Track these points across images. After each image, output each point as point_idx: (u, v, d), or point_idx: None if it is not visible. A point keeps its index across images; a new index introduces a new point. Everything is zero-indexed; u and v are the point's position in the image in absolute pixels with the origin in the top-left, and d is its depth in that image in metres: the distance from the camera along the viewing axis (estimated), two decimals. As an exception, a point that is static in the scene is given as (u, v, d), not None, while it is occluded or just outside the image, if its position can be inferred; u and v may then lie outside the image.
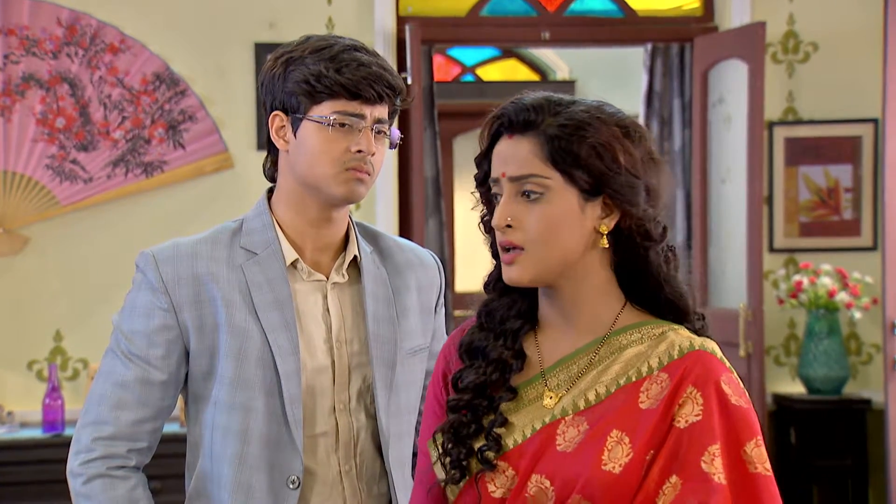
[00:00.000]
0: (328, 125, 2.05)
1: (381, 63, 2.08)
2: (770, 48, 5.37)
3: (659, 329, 1.72)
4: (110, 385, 2.07)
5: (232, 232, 2.13)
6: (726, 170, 5.38)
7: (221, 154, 5.07)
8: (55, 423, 4.75)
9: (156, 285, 2.07)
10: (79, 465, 2.06)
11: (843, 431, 5.19)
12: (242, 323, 2.06)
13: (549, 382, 1.73)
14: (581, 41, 5.91)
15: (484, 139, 1.75)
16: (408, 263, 2.23)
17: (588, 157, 1.67)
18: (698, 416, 1.63)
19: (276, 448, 2.06)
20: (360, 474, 2.12)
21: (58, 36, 4.97)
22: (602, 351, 1.72)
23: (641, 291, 1.75)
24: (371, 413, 2.13)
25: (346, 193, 2.07)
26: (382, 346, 2.13)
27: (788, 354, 5.46)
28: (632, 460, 1.62)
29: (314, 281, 2.13)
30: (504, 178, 1.70)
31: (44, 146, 4.97)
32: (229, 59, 5.12)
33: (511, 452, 1.70)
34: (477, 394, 1.73)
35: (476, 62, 8.24)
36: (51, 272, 5.03)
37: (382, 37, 5.21)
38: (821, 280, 5.16)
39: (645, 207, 1.70)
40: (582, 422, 1.67)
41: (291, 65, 2.07)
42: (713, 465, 1.60)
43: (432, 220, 5.57)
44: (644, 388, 1.67)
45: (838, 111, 5.43)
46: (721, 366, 1.68)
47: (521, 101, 1.73)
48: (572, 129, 1.68)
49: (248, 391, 2.05)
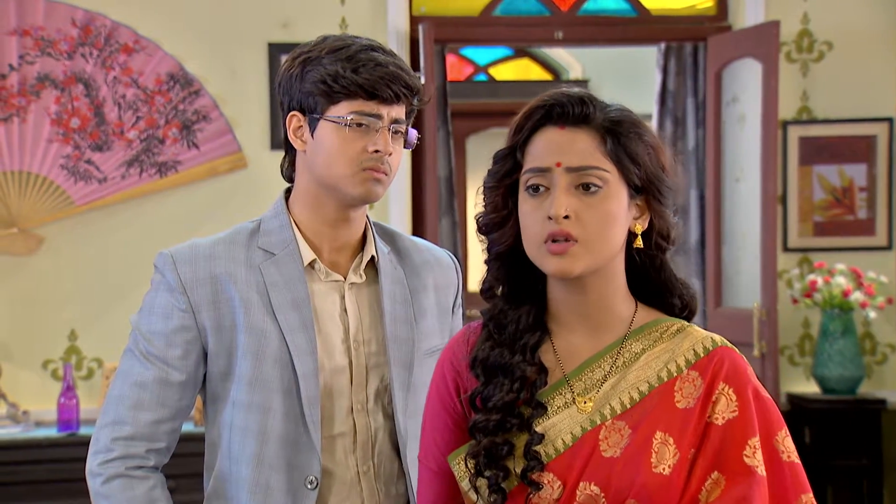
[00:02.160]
0: (345, 125, 2.06)
1: (399, 63, 2.08)
2: (784, 47, 5.37)
3: (674, 326, 1.74)
4: (129, 385, 2.08)
5: (250, 232, 2.14)
6: (740, 169, 5.37)
7: (235, 154, 5.08)
8: (70, 422, 4.76)
9: (174, 286, 2.08)
10: (98, 464, 2.07)
11: (858, 431, 5.17)
12: (260, 323, 2.06)
13: (575, 388, 1.72)
14: (594, 41, 5.90)
15: (522, 131, 1.71)
16: (425, 263, 2.23)
17: (642, 155, 1.69)
18: (734, 412, 1.65)
19: (294, 448, 2.06)
20: (378, 475, 2.13)
21: (72, 36, 5.00)
22: (624, 352, 1.72)
23: (651, 293, 1.77)
24: (389, 413, 2.14)
25: (363, 193, 2.08)
26: (400, 346, 2.13)
27: (803, 354, 5.46)
28: (679, 460, 1.63)
29: (332, 281, 2.13)
30: (560, 168, 1.67)
31: (58, 146, 4.99)
32: (243, 60, 5.13)
33: (554, 462, 1.68)
34: (506, 413, 1.70)
35: (489, 62, 8.25)
36: (65, 272, 5.04)
37: (395, 36, 5.21)
38: (835, 279, 5.15)
39: (672, 211, 1.74)
40: (623, 426, 1.67)
41: (309, 65, 2.08)
42: (755, 457, 1.63)
43: (445, 220, 5.58)
44: (678, 388, 1.68)
45: (853, 110, 5.41)
46: (744, 361, 1.72)
47: (565, 92, 1.70)
48: (628, 125, 1.69)
49: (266, 391, 2.06)
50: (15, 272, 5.03)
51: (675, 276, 1.76)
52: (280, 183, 2.20)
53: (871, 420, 5.19)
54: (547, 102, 1.70)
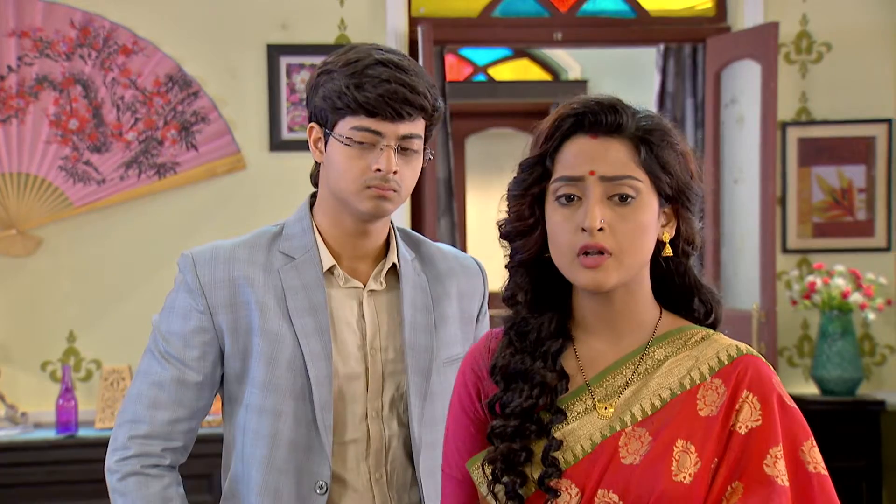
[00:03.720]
0: (348, 142, 2.06)
1: (407, 79, 2.05)
2: (783, 48, 5.39)
3: (698, 335, 1.72)
4: (147, 384, 2.11)
5: (272, 236, 2.16)
6: (739, 170, 5.39)
7: (234, 155, 5.07)
8: (69, 423, 4.77)
9: (193, 287, 2.10)
10: (115, 462, 2.10)
11: (857, 433, 5.18)
12: (275, 327, 2.08)
13: (596, 394, 1.70)
14: (593, 41, 5.93)
15: (552, 139, 1.68)
16: (450, 271, 2.23)
17: (673, 164, 1.67)
18: (758, 421, 1.63)
19: (305, 453, 2.08)
20: (391, 482, 2.14)
21: (71, 38, 5.01)
22: (646, 359, 1.71)
23: (676, 298, 1.75)
24: (404, 422, 2.14)
25: (370, 210, 2.09)
26: (418, 354, 2.13)
27: (802, 355, 5.47)
28: (700, 469, 1.61)
29: (350, 287, 2.14)
30: (594, 177, 1.64)
31: (57, 147, 5.00)
32: (241, 61, 5.14)
33: (572, 469, 1.67)
34: (524, 419, 1.69)
35: (488, 62, 8.25)
36: (64, 273, 5.05)
37: (394, 38, 5.22)
38: (834, 281, 5.17)
39: (697, 217, 1.73)
40: (643, 433, 1.65)
41: (324, 77, 2.09)
42: (776, 467, 1.61)
43: (444, 221, 5.59)
44: (700, 396, 1.66)
45: (851, 111, 5.43)
46: (770, 369, 1.69)
47: (596, 100, 1.68)
48: (660, 134, 1.67)
49: (278, 395, 2.07)
50: (13, 273, 5.05)
51: (699, 282, 1.75)
52: (279, 184, 2.24)
53: (870, 421, 5.20)
54: (578, 110, 1.67)
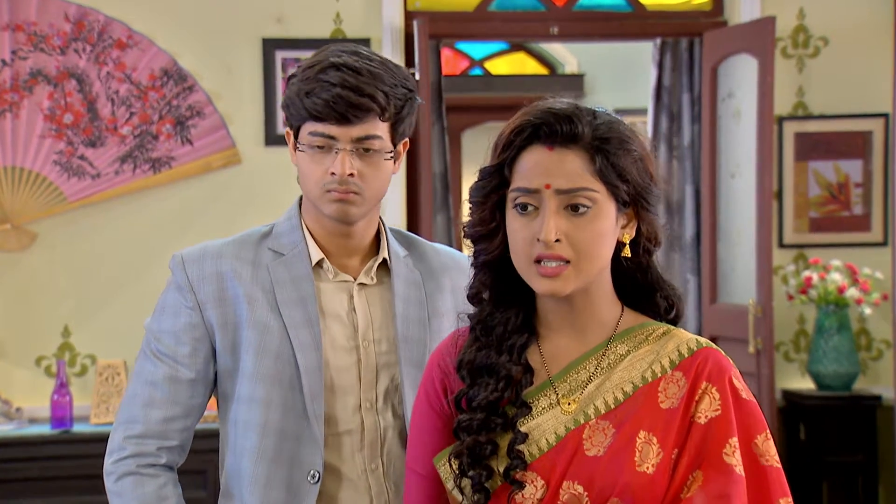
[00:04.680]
0: (304, 149, 2.11)
1: (356, 82, 2.05)
2: (780, 43, 5.40)
3: (660, 329, 1.77)
4: (141, 384, 2.14)
5: (261, 235, 2.20)
6: (736, 165, 5.40)
7: (229, 150, 5.08)
8: (63, 419, 4.78)
9: (182, 284, 2.14)
10: (111, 463, 2.12)
11: (853, 428, 5.21)
12: (264, 318, 2.11)
13: (560, 389, 1.74)
14: (590, 36, 5.95)
15: (510, 148, 1.71)
16: (443, 267, 2.26)
17: (631, 171, 1.70)
18: (717, 410, 1.68)
19: (296, 442, 2.10)
20: (387, 473, 2.15)
21: (65, 31, 5.02)
22: (608, 354, 1.75)
23: (638, 295, 1.80)
24: (399, 413, 2.17)
25: (333, 213, 2.12)
26: (411, 346, 2.16)
27: (798, 350, 5.48)
28: (662, 460, 1.66)
29: (340, 281, 2.17)
30: (549, 190, 1.67)
31: (51, 142, 5.01)
32: (237, 55, 5.15)
33: (537, 462, 1.70)
34: (490, 412, 1.73)
35: (484, 55, 8.27)
36: (58, 268, 5.06)
37: (390, 32, 5.22)
38: (831, 276, 5.19)
39: (657, 214, 1.76)
40: (607, 425, 1.69)
41: (289, 83, 2.13)
42: (734, 456, 1.65)
43: (440, 216, 5.60)
44: (661, 388, 1.70)
45: (848, 106, 5.44)
46: (728, 361, 1.74)
47: (553, 110, 1.70)
48: (616, 142, 1.70)
49: (267, 384, 2.10)
50: (8, 268, 5.05)
51: (661, 278, 1.79)
52: (275, 179, 2.28)
53: (867, 416, 5.23)
54: (534, 121, 1.70)
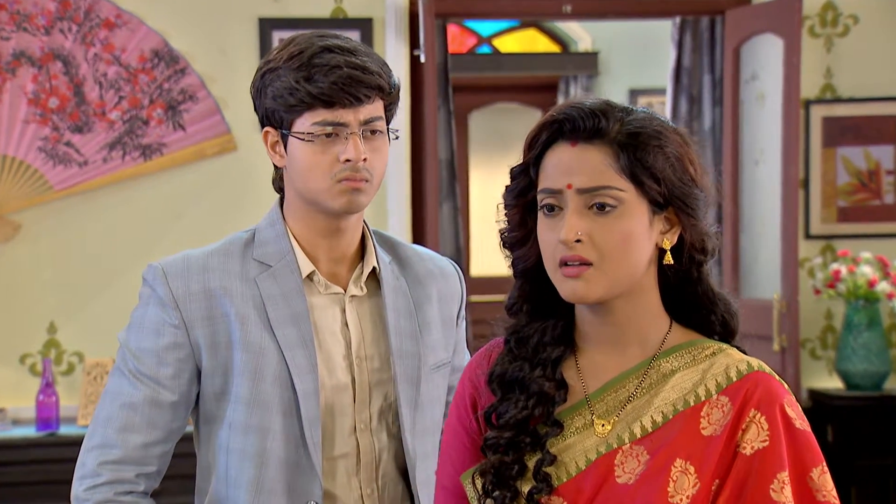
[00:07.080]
0: (311, 139, 2.05)
1: (358, 60, 2.05)
2: (807, 21, 5.33)
3: (709, 349, 1.72)
4: (118, 406, 2.08)
5: (244, 243, 2.15)
6: (760, 151, 5.38)
7: (224, 136, 5.05)
8: (49, 420, 4.75)
9: (166, 301, 2.08)
10: (84, 490, 2.06)
11: (884, 429, 5.17)
12: (257, 339, 2.07)
13: (596, 409, 1.71)
14: (605, 14, 5.90)
15: (535, 147, 1.71)
16: (428, 274, 2.23)
17: (663, 169, 1.67)
18: (765, 441, 1.63)
19: (295, 471, 2.07)
20: (383, 497, 2.14)
21: (50, 10, 4.95)
22: (651, 373, 1.71)
23: (688, 309, 1.75)
24: (393, 433, 2.14)
25: (343, 205, 2.08)
26: (406, 361, 2.14)
27: (825, 348, 5.45)
28: (699, 491, 1.61)
29: (331, 294, 2.14)
30: (571, 190, 1.66)
31: (36, 127, 4.96)
32: (232, 36, 5.09)
33: (565, 486, 1.68)
34: (519, 431, 1.71)
35: (493, 32, 8.26)
36: (44, 260, 5.02)
37: (394, 10, 5.16)
38: (860, 269, 5.14)
39: (705, 220, 1.73)
40: (641, 451, 1.66)
41: (269, 77, 2.08)
42: (783, 493, 1.61)
43: (447, 205, 5.64)
44: (704, 413, 1.66)
45: (879, 88, 5.40)
46: (782, 388, 1.68)
47: (580, 105, 1.69)
48: (646, 137, 1.67)
49: (265, 412, 2.06)
50: (-10, 261, 5.06)
51: (713, 291, 1.75)
52: (271, 167, 2.18)
53: (898, 417, 5.25)
54: (558, 117, 1.69)
